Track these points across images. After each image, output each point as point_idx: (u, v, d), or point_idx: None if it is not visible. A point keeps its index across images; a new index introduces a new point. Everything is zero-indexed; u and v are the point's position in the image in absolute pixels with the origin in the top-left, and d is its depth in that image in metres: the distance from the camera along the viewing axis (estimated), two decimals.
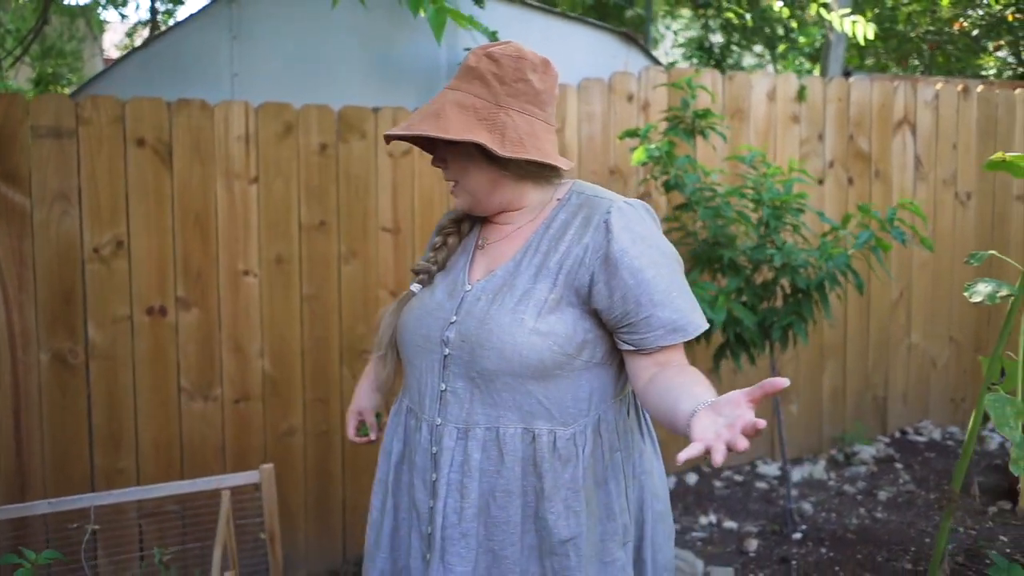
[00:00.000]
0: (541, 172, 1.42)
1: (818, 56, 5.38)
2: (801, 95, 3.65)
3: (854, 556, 2.76)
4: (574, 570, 1.35)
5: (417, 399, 1.44)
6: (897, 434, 4.00)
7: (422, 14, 1.98)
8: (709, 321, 2.63)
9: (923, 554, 2.76)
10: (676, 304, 1.33)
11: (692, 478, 3.46)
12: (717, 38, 6.03)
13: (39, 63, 7.63)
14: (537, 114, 1.40)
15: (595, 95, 3.29)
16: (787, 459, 3.04)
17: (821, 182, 3.74)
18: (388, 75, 3.38)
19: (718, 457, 0.98)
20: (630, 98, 3.36)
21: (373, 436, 1.69)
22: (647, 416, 1.53)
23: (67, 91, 7.79)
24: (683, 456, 0.99)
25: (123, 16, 6.50)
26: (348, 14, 2.98)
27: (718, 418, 1.06)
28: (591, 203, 1.39)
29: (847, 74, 4.39)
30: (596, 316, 1.36)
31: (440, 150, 1.44)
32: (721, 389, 3.47)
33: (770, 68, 6.30)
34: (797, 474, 3.52)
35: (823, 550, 2.82)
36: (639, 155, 2.79)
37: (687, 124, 2.92)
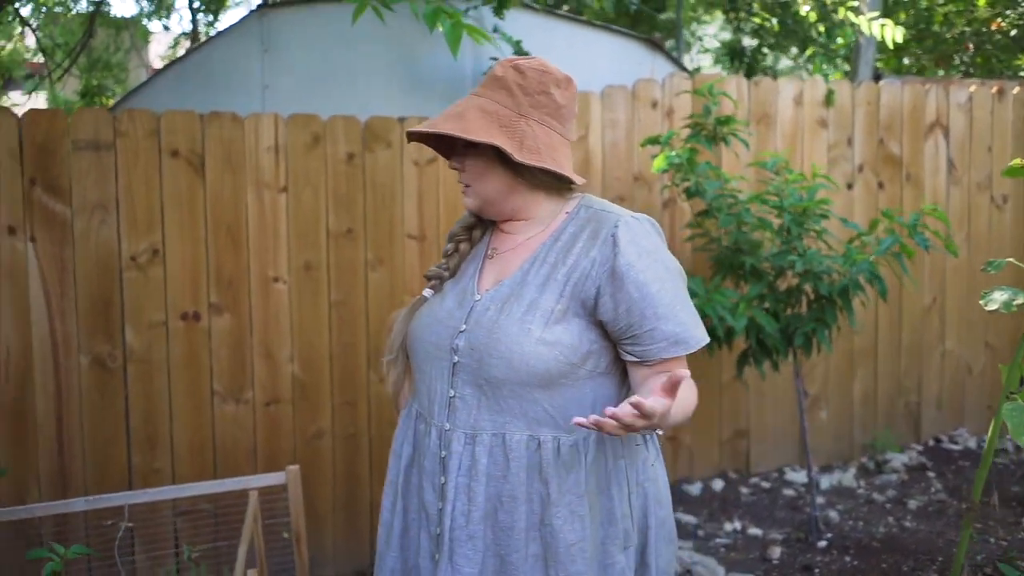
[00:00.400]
0: (554, 184, 1.46)
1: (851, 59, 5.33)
2: (829, 100, 3.62)
3: (879, 565, 2.73)
4: (583, 574, 1.39)
5: (427, 404, 1.48)
6: (931, 442, 3.94)
7: (439, 29, 2.03)
8: (729, 328, 2.64)
9: (950, 564, 2.73)
10: (679, 318, 1.36)
11: (719, 484, 3.46)
12: (752, 42, 6.00)
13: (86, 75, 7.89)
14: (556, 127, 1.44)
15: (618, 102, 3.32)
16: (812, 466, 3.02)
17: (850, 187, 3.71)
18: (415, 85, 3.45)
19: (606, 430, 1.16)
20: (654, 105, 3.38)
21: None
22: None
23: (111, 102, 8.04)
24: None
25: (166, 27, 6.72)
26: (376, 27, 3.05)
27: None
28: (599, 217, 1.43)
29: (877, 77, 4.34)
30: (601, 327, 1.39)
31: (458, 152, 1.48)
32: (749, 397, 3.44)
33: (805, 72, 6.25)
34: (826, 481, 3.49)
35: (847, 559, 2.80)
36: (659, 162, 2.81)
37: (709, 131, 2.93)
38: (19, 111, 2.66)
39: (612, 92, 3.31)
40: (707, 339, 1.41)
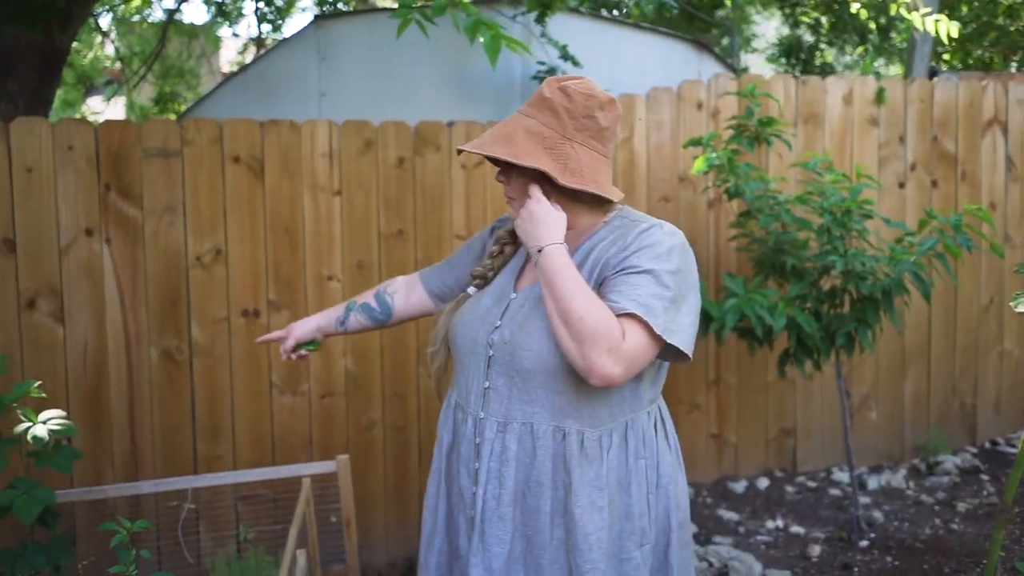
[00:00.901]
0: (594, 200, 1.54)
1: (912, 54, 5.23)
2: (879, 98, 3.60)
3: (920, 566, 2.73)
4: (597, 562, 1.47)
5: (464, 395, 1.58)
6: (987, 444, 3.87)
7: (480, 40, 2.12)
8: (768, 327, 2.67)
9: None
10: (628, 298, 1.39)
11: (763, 483, 3.48)
12: (810, 39, 5.92)
13: (160, 82, 8.27)
14: (598, 148, 1.52)
15: (664, 104, 3.36)
16: (854, 465, 3.03)
17: (902, 185, 3.68)
18: (465, 90, 3.56)
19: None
20: (699, 106, 3.41)
21: (284, 356, 1.92)
22: (671, 430, 1.63)
23: (184, 107, 8.41)
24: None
25: (235, 34, 7.01)
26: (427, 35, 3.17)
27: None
28: (629, 226, 1.51)
29: (933, 74, 4.26)
30: None
31: (506, 168, 1.57)
32: (796, 396, 3.43)
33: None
34: (874, 482, 3.48)
35: (888, 559, 2.80)
36: (699, 164, 2.85)
37: (751, 132, 2.96)
38: (98, 118, 2.86)
39: (657, 94, 3.36)
40: (664, 336, 1.39)
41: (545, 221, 1.45)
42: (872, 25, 5.04)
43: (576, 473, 1.47)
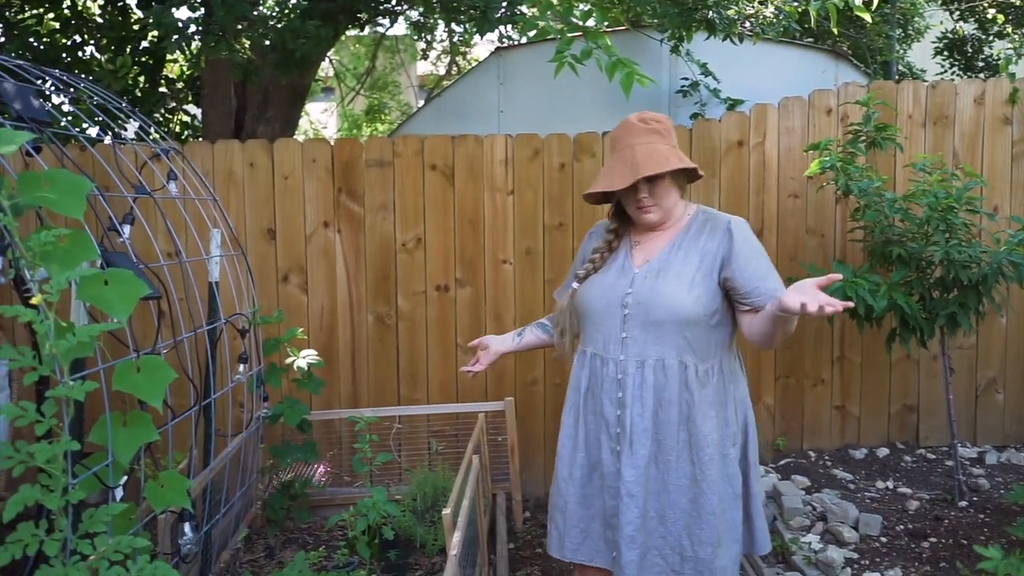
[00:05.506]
0: (683, 190, 2.17)
1: None
2: (1012, 98, 3.81)
3: (1009, 523, 3.04)
4: (712, 456, 2.07)
5: (602, 345, 2.19)
6: None
7: (617, 76, 2.74)
8: (870, 307, 3.10)
9: None
10: (771, 280, 2.05)
11: (883, 452, 3.83)
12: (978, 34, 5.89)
13: (369, 94, 9.49)
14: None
15: (794, 111, 3.80)
16: (955, 433, 3.34)
17: None
18: (618, 104, 4.17)
19: (812, 307, 1.72)
20: (829, 112, 3.82)
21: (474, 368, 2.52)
22: (743, 362, 2.21)
23: (388, 118, 9.58)
24: (791, 304, 1.77)
25: (429, 46, 7.94)
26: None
27: (804, 292, 1.79)
28: (714, 218, 2.13)
29: None
30: (722, 292, 2.08)
31: (641, 188, 2.15)
32: (919, 375, 3.75)
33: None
34: (994, 458, 3.73)
35: (981, 516, 3.12)
36: (814, 167, 3.30)
37: (868, 137, 3.35)
38: (319, 126, 3.72)
39: (788, 102, 3.81)
40: (784, 291, 2.00)
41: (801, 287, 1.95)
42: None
43: (696, 394, 2.07)
